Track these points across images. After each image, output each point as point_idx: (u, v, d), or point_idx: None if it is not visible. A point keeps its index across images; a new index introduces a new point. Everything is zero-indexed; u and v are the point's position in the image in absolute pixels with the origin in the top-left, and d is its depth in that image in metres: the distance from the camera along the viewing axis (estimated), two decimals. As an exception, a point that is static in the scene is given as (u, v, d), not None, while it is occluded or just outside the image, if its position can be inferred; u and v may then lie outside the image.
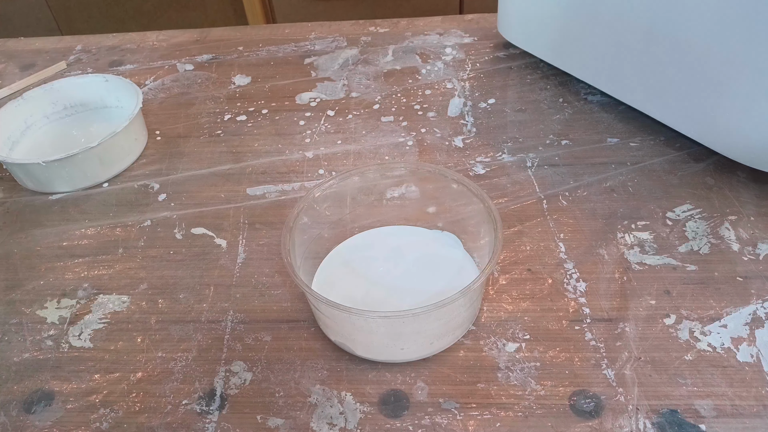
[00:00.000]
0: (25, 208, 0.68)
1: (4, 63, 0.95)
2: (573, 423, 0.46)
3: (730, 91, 0.59)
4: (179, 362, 0.52)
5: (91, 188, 0.70)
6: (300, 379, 0.50)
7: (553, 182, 0.66)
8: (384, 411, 0.47)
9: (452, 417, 0.47)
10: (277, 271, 0.59)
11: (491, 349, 0.51)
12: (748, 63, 0.57)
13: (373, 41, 0.92)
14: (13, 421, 0.49)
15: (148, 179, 0.71)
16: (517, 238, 0.60)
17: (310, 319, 0.54)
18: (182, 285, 0.58)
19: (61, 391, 0.50)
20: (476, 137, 0.73)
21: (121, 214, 0.67)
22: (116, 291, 0.58)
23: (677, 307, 0.53)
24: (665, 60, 0.64)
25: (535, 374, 0.49)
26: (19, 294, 0.59)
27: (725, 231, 0.59)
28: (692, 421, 0.45)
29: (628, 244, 0.58)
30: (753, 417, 0.45)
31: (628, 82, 0.70)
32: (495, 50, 0.88)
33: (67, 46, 0.98)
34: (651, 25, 0.63)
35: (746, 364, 0.48)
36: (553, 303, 0.54)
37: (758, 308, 0.52)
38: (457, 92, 0.80)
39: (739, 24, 0.56)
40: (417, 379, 0.49)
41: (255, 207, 0.66)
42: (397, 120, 0.76)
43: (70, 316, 0.56)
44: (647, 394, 0.47)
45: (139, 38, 0.98)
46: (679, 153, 0.68)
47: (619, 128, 0.72)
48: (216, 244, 0.62)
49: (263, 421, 0.47)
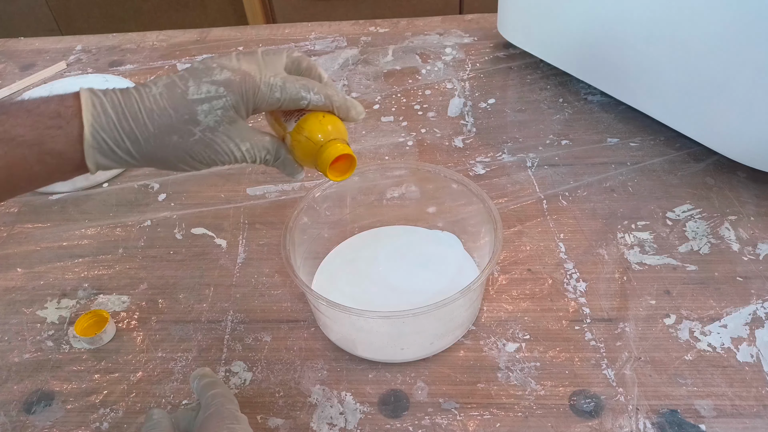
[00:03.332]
0: (25, 208, 0.68)
1: (4, 63, 0.95)
2: (573, 423, 0.46)
3: (730, 91, 0.59)
4: (179, 362, 0.52)
5: (91, 188, 0.70)
6: (300, 379, 0.50)
7: (553, 182, 0.66)
8: (384, 411, 0.47)
9: (452, 417, 0.47)
10: (277, 271, 0.59)
11: (491, 349, 0.51)
12: (748, 63, 0.57)
13: (373, 41, 0.92)
14: (13, 421, 0.49)
15: (148, 179, 0.71)
16: (517, 238, 0.60)
17: (310, 319, 0.54)
18: (182, 285, 0.58)
19: (61, 391, 0.50)
20: (476, 137, 0.73)
21: (121, 214, 0.67)
22: (116, 291, 0.58)
23: (677, 307, 0.53)
24: (665, 60, 0.64)
25: (535, 374, 0.49)
26: (19, 294, 0.59)
27: (725, 231, 0.59)
28: (692, 421, 0.45)
29: (628, 244, 0.58)
30: (753, 417, 0.45)
31: (628, 82, 0.70)
32: (495, 50, 0.88)
33: (67, 46, 0.98)
34: (651, 26, 0.63)
35: (746, 364, 0.48)
36: (553, 303, 0.54)
37: (758, 308, 0.52)
38: (457, 92, 0.80)
39: (739, 24, 0.56)
40: (417, 379, 0.49)
41: (255, 207, 0.66)
42: (397, 120, 0.76)
43: (70, 316, 0.56)
44: (647, 394, 0.47)
45: (139, 38, 0.98)
46: (679, 153, 0.68)
47: (619, 128, 0.72)
48: (216, 244, 0.62)
49: (263, 421, 0.47)
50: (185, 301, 0.57)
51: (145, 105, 0.37)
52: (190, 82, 0.38)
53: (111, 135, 0.37)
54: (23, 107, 0.36)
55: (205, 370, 0.43)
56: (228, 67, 0.39)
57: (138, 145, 0.38)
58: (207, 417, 0.39)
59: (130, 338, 0.54)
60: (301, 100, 0.41)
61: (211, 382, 0.42)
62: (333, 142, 0.41)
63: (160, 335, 0.54)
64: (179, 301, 0.57)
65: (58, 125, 0.36)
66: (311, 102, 0.41)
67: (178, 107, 0.37)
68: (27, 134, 0.35)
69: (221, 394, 0.40)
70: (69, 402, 0.50)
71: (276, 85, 0.39)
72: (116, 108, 0.37)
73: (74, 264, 0.61)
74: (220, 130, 0.39)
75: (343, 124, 0.43)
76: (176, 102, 0.37)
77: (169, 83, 0.38)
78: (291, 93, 0.40)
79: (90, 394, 0.50)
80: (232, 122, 0.39)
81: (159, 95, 0.38)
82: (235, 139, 0.40)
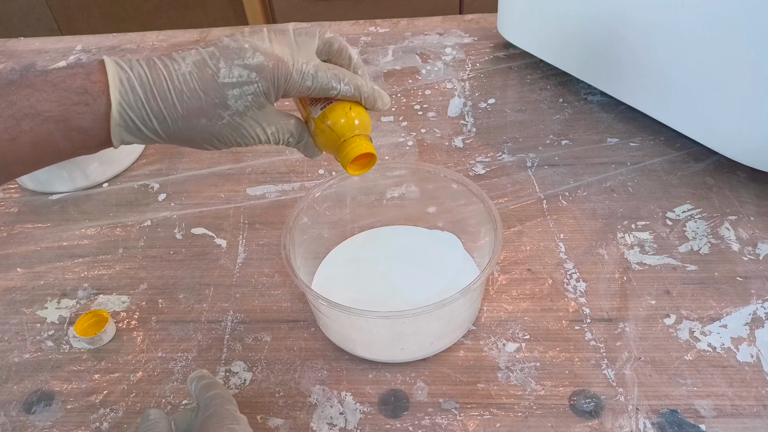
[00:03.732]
0: (25, 208, 0.68)
1: (4, 63, 0.95)
2: (573, 423, 0.46)
3: (730, 91, 0.59)
4: (179, 362, 0.52)
5: (91, 188, 0.70)
6: (300, 379, 0.50)
7: (553, 182, 0.66)
8: (384, 411, 0.47)
9: (452, 417, 0.47)
10: (277, 271, 0.59)
11: (491, 349, 0.51)
12: (748, 63, 0.57)
13: (373, 41, 0.92)
14: (13, 421, 0.48)
15: (148, 179, 0.71)
16: (517, 238, 0.60)
17: (310, 319, 0.54)
18: (182, 285, 0.58)
19: (61, 391, 0.50)
20: (476, 137, 0.73)
21: (121, 214, 0.67)
22: (116, 291, 0.58)
23: (677, 307, 0.53)
24: (665, 60, 0.64)
25: (535, 374, 0.49)
26: (19, 294, 0.59)
27: (725, 231, 0.59)
28: (692, 421, 0.45)
29: (628, 244, 0.58)
30: (753, 417, 0.45)
31: (628, 82, 0.70)
32: (495, 50, 0.88)
33: (67, 46, 0.98)
34: (651, 26, 0.63)
35: (746, 364, 0.48)
36: (553, 303, 0.54)
37: (758, 308, 0.52)
38: (457, 92, 0.80)
39: (739, 24, 0.56)
40: (417, 379, 0.49)
41: (255, 207, 0.66)
42: (397, 120, 0.76)
43: (70, 316, 0.56)
44: (647, 394, 0.47)
45: (139, 38, 0.98)
46: (679, 153, 0.68)
47: (619, 128, 0.72)
48: (216, 244, 0.62)
49: (263, 422, 0.47)
50: (185, 301, 0.57)
51: (175, 85, 0.37)
52: (221, 63, 0.37)
53: (138, 114, 0.37)
54: (48, 81, 0.35)
55: (202, 372, 0.43)
56: (261, 50, 0.38)
57: (165, 125, 0.37)
58: (206, 418, 0.39)
59: (130, 338, 0.54)
60: (331, 90, 0.40)
61: (209, 383, 0.42)
62: (356, 138, 0.41)
63: (160, 335, 0.54)
64: (179, 301, 0.57)
65: (85, 102, 0.36)
66: (341, 92, 0.41)
67: (208, 90, 0.37)
68: (53, 110, 0.35)
69: (220, 395, 0.40)
70: (69, 402, 0.50)
71: (308, 73, 0.39)
72: (144, 86, 0.36)
73: (74, 264, 0.61)
74: (249, 115, 0.39)
75: (368, 116, 0.43)
76: (206, 84, 0.37)
77: (199, 61, 0.37)
78: (322, 82, 0.40)
79: (90, 394, 0.50)
80: (261, 107, 0.39)
81: (189, 75, 0.37)
82: (262, 123, 0.40)
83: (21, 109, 0.35)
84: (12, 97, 0.35)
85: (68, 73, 0.36)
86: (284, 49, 0.39)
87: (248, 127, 0.39)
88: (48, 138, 0.35)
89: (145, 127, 0.37)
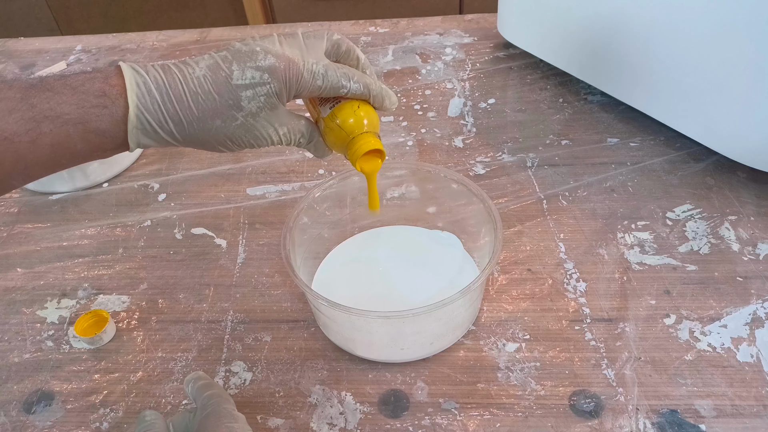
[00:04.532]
0: (25, 208, 0.68)
1: (4, 63, 0.95)
2: (573, 423, 0.46)
3: (730, 91, 0.59)
4: (179, 362, 0.52)
5: (91, 188, 0.70)
6: (300, 379, 0.50)
7: (553, 182, 0.66)
8: (384, 411, 0.47)
9: (452, 417, 0.47)
10: (277, 271, 0.59)
11: (491, 349, 0.51)
12: (748, 63, 0.57)
13: (373, 41, 0.92)
14: (13, 421, 0.48)
15: (148, 179, 0.71)
16: (517, 238, 0.60)
17: (310, 319, 0.54)
18: (182, 285, 0.58)
19: (61, 391, 0.50)
20: (476, 137, 0.73)
21: (121, 214, 0.67)
22: (116, 291, 0.58)
23: (677, 307, 0.53)
24: (665, 60, 0.64)
25: (535, 374, 0.49)
26: (19, 294, 0.59)
27: (725, 231, 0.59)
28: (692, 421, 0.45)
29: (628, 244, 0.58)
30: (753, 417, 0.45)
31: (628, 82, 0.70)
32: (495, 50, 0.88)
33: (67, 46, 0.98)
34: (651, 26, 0.63)
35: (746, 364, 0.48)
36: (553, 303, 0.54)
37: (758, 308, 0.52)
38: (457, 92, 0.80)
39: (739, 24, 0.56)
40: (417, 379, 0.49)
41: (255, 207, 0.66)
42: (397, 120, 0.76)
43: (70, 316, 0.56)
44: (647, 394, 0.47)
45: (139, 38, 0.98)
46: (679, 153, 0.68)
47: (619, 128, 0.72)
48: (216, 244, 0.62)
49: (263, 422, 0.47)
50: (185, 301, 0.57)
51: (190, 87, 0.38)
52: (234, 66, 0.38)
53: (155, 116, 0.37)
54: (67, 84, 0.36)
55: (199, 374, 0.44)
56: (272, 52, 0.39)
57: (181, 127, 0.38)
58: (204, 417, 0.39)
59: (130, 338, 0.54)
60: (341, 88, 0.41)
61: (206, 383, 0.42)
62: (365, 135, 0.42)
63: (160, 335, 0.54)
64: (179, 301, 0.57)
65: (104, 104, 0.36)
66: (350, 91, 0.41)
67: (222, 92, 0.38)
68: (72, 112, 0.36)
69: (217, 395, 0.41)
70: (69, 402, 0.50)
71: (318, 72, 0.40)
72: (160, 89, 0.37)
73: (74, 264, 0.61)
74: (261, 116, 0.39)
75: (377, 114, 0.44)
76: (220, 86, 0.38)
77: (212, 65, 0.38)
78: (332, 81, 0.40)
79: (90, 394, 0.50)
80: (273, 108, 0.40)
81: (203, 78, 0.38)
82: (274, 123, 0.40)
83: (41, 112, 0.35)
84: (32, 100, 0.35)
85: (87, 77, 0.37)
86: (294, 50, 0.40)
87: (261, 128, 0.40)
88: (66, 140, 0.36)
89: (162, 129, 0.38)
